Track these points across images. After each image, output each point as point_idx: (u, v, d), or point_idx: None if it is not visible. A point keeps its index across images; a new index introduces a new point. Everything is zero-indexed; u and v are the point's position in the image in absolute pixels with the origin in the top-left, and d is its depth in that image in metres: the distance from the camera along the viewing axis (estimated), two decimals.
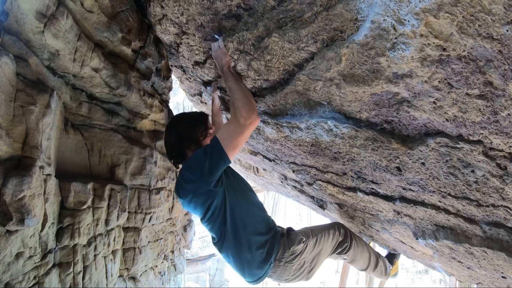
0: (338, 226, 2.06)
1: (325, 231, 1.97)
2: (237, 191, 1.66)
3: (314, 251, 1.86)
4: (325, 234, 1.94)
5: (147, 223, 2.60)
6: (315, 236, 1.89)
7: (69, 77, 1.86)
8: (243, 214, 1.63)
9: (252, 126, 1.45)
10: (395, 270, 2.27)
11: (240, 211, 1.62)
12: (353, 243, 2.05)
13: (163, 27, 2.00)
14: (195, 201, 1.58)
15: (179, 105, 15.87)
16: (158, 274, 2.98)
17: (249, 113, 1.43)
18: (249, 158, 3.43)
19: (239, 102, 1.47)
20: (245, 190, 1.75)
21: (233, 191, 1.63)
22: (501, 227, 1.47)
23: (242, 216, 1.62)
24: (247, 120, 1.42)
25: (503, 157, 1.10)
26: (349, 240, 2.05)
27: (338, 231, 2.03)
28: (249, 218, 1.65)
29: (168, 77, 2.76)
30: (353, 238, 2.08)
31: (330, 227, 2.03)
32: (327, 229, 2.00)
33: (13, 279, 1.44)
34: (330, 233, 1.97)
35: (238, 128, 1.44)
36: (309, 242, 1.83)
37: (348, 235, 2.07)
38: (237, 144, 1.46)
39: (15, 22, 1.55)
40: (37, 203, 1.49)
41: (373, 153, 1.57)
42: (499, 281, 2.04)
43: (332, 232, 1.99)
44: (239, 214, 1.62)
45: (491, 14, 0.76)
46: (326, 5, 1.09)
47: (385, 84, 1.15)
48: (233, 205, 1.60)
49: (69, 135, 1.96)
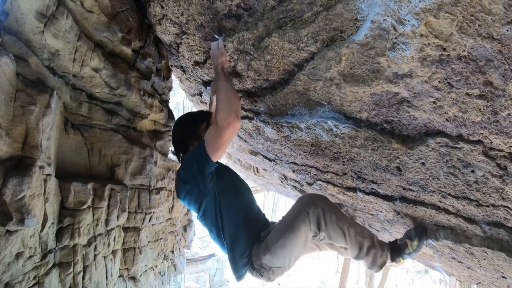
0: (309, 212, 1.63)
1: (294, 226, 1.63)
2: (228, 191, 1.68)
3: (283, 258, 1.64)
4: (294, 232, 1.62)
5: (147, 223, 2.60)
6: (281, 239, 1.62)
7: (69, 77, 1.86)
8: (232, 215, 1.67)
9: (230, 128, 1.41)
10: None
11: (230, 211, 1.66)
12: (327, 221, 1.63)
13: (163, 27, 2.00)
14: (189, 198, 1.66)
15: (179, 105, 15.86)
16: (158, 274, 2.98)
17: (226, 115, 1.40)
18: (249, 158, 3.43)
19: (220, 103, 1.45)
20: (239, 190, 1.77)
21: (224, 191, 1.65)
22: (501, 227, 1.47)
23: (232, 216, 1.67)
24: (224, 121, 1.39)
25: (503, 157, 1.10)
26: (322, 221, 1.63)
27: (309, 219, 1.63)
28: (238, 219, 1.69)
29: (168, 77, 2.76)
30: (326, 216, 1.63)
31: (300, 219, 1.64)
32: (296, 222, 1.64)
33: (13, 279, 1.44)
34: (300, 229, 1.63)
35: (217, 131, 1.43)
36: (273, 252, 1.62)
37: (322, 216, 1.62)
38: (218, 146, 1.45)
39: (15, 22, 1.55)
40: (37, 203, 1.49)
41: (373, 153, 1.57)
42: (499, 281, 2.04)
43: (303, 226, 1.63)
44: (229, 214, 1.66)
45: (491, 14, 0.76)
46: (326, 5, 1.09)
47: (385, 84, 1.15)
48: (223, 205, 1.64)
49: (69, 135, 1.96)
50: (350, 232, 1.66)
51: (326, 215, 1.63)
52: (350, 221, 1.70)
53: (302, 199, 1.77)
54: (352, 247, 1.70)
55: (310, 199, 1.72)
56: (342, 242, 1.68)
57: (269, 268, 1.66)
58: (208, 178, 1.56)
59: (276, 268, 1.66)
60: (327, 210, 1.65)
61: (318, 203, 1.66)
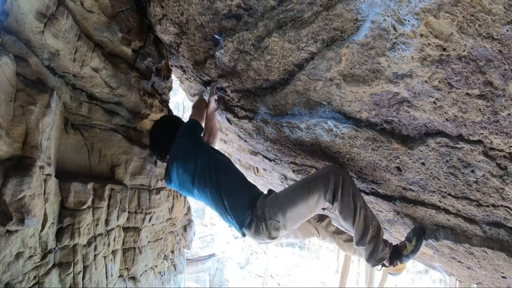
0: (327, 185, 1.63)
1: (311, 185, 1.65)
2: (221, 162, 1.86)
3: (286, 213, 1.65)
4: (309, 190, 1.64)
5: (147, 223, 2.60)
6: (294, 192, 1.67)
7: (69, 77, 1.86)
8: (229, 176, 1.82)
9: None
10: (396, 270, 2.00)
11: (226, 174, 1.81)
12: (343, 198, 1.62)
13: (163, 27, 2.00)
14: (184, 167, 1.82)
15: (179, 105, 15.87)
16: (158, 274, 2.98)
17: None
18: (249, 158, 3.43)
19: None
20: (230, 163, 1.94)
21: (218, 159, 1.85)
22: (501, 227, 1.47)
23: (229, 178, 1.80)
24: None
25: (503, 157, 1.10)
26: (340, 192, 1.63)
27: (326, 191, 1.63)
28: (235, 181, 1.82)
29: (168, 77, 2.76)
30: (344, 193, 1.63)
31: (320, 181, 1.65)
32: (315, 183, 1.65)
33: (13, 279, 1.44)
34: (315, 191, 1.63)
35: None
36: (281, 203, 1.66)
37: (340, 186, 1.63)
38: None
39: (15, 22, 1.55)
40: (37, 203, 1.49)
41: (373, 153, 1.57)
42: (499, 281, 2.04)
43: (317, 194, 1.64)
44: (226, 176, 1.79)
45: (491, 14, 0.76)
46: (326, 5, 1.09)
47: (385, 84, 1.15)
48: (219, 169, 1.80)
49: (69, 135, 1.96)
50: (361, 212, 1.65)
51: (345, 187, 1.63)
52: (364, 203, 1.70)
53: (328, 167, 1.81)
54: (357, 228, 1.67)
55: (335, 168, 1.74)
56: (349, 220, 1.66)
57: (268, 219, 1.66)
58: (200, 139, 1.91)
59: (275, 222, 1.66)
60: (347, 182, 1.65)
61: (342, 173, 1.67)
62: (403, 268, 1.87)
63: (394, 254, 1.81)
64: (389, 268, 1.84)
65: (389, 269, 1.85)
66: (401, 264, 1.81)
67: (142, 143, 2.51)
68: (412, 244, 1.84)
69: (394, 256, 1.80)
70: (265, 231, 1.68)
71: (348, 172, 1.78)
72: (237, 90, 1.96)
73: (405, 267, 1.88)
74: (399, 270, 1.86)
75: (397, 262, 1.80)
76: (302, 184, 1.71)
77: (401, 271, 1.88)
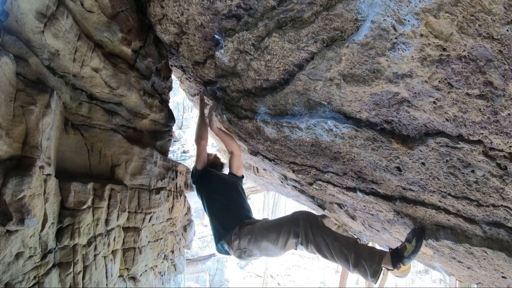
0: (294, 226, 1.93)
1: (283, 227, 1.95)
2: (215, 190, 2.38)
3: (259, 246, 2.00)
4: (280, 231, 1.95)
5: (147, 223, 2.60)
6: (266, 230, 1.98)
7: (69, 77, 1.86)
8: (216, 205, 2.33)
9: (199, 145, 2.44)
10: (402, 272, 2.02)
11: (213, 203, 2.34)
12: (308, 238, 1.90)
13: (163, 27, 2.00)
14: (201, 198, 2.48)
15: (179, 105, 15.86)
16: (158, 274, 2.98)
17: (195, 141, 2.48)
18: (249, 158, 3.43)
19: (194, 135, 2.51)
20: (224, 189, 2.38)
21: (212, 190, 2.38)
22: (501, 227, 1.47)
23: (215, 206, 2.31)
24: (195, 142, 2.47)
25: (503, 157, 1.10)
26: (303, 236, 1.91)
27: (292, 233, 1.92)
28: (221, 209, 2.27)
29: (168, 77, 2.76)
30: (309, 233, 1.91)
31: (291, 225, 1.94)
32: (287, 225, 1.95)
33: (13, 279, 1.44)
34: (285, 233, 1.94)
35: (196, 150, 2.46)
36: (254, 237, 2.01)
37: (303, 233, 1.91)
38: (197, 156, 2.43)
39: (15, 22, 1.55)
40: (37, 203, 1.49)
41: (373, 153, 1.57)
42: (499, 281, 2.04)
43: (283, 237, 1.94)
44: (212, 205, 2.33)
45: (491, 14, 0.76)
46: (326, 5, 1.09)
47: (385, 84, 1.15)
48: (209, 199, 2.35)
49: (69, 135, 1.96)
50: (334, 244, 1.86)
51: (313, 229, 1.91)
52: (333, 235, 1.92)
53: (297, 212, 2.07)
54: (339, 259, 1.87)
55: (303, 214, 2.02)
56: (328, 254, 1.88)
57: (243, 248, 2.03)
58: (197, 184, 2.48)
59: (249, 250, 2.03)
60: (314, 225, 1.92)
61: (309, 218, 1.97)
62: (408, 268, 1.89)
63: (395, 257, 1.83)
64: (394, 271, 1.86)
65: (395, 272, 1.87)
66: (404, 265, 1.82)
67: (142, 143, 2.51)
68: (412, 244, 1.85)
69: (396, 258, 1.83)
70: (242, 255, 2.06)
71: (313, 214, 2.06)
72: (237, 90, 1.96)
73: (409, 267, 1.91)
74: (405, 272, 1.88)
75: (400, 265, 1.81)
76: (274, 225, 2.00)
77: (407, 272, 1.91)
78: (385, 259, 1.83)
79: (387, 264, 1.82)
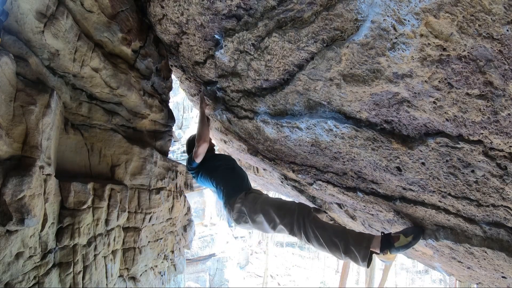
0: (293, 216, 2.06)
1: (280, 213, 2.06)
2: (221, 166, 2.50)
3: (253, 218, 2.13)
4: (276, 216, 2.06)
5: (147, 223, 2.60)
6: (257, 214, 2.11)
7: (69, 77, 1.86)
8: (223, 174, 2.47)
9: (201, 146, 2.36)
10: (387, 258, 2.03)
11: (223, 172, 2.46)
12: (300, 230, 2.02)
13: (163, 27, 2.00)
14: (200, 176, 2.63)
15: (179, 105, 15.86)
16: (158, 274, 2.98)
17: (197, 142, 2.36)
18: (249, 158, 3.43)
19: (196, 134, 2.42)
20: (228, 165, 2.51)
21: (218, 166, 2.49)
22: (501, 227, 1.47)
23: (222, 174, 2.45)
24: (197, 143, 2.36)
25: (503, 157, 1.10)
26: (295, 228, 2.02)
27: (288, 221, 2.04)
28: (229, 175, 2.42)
29: (168, 77, 2.76)
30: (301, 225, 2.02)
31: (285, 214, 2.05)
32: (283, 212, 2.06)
33: (13, 279, 1.44)
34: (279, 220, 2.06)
35: (196, 147, 2.37)
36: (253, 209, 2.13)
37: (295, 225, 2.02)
38: (196, 155, 2.37)
39: (15, 22, 1.55)
40: (37, 203, 1.49)
41: (373, 153, 1.57)
42: (499, 281, 2.04)
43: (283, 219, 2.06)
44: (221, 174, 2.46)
45: (491, 14, 0.76)
46: (326, 5, 1.09)
47: (385, 84, 1.15)
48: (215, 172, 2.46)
49: (69, 135, 1.96)
50: (324, 234, 1.93)
51: (305, 220, 1.99)
52: (322, 225, 2.00)
53: (295, 203, 2.17)
54: (329, 248, 1.92)
55: (300, 205, 2.12)
56: (319, 242, 1.94)
57: (242, 213, 2.16)
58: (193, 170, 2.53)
59: (245, 217, 2.16)
60: (307, 216, 2.01)
61: (304, 209, 2.07)
62: (393, 257, 1.92)
63: (385, 242, 1.85)
64: (379, 255, 1.86)
65: (380, 256, 1.87)
66: (390, 254, 1.84)
67: (142, 143, 2.51)
68: (407, 239, 1.86)
69: (385, 244, 1.85)
70: (237, 216, 2.19)
71: (308, 207, 2.14)
72: (237, 90, 1.96)
73: (395, 257, 1.94)
74: (390, 259, 1.90)
75: (387, 251, 1.82)
76: (275, 206, 2.12)
77: (392, 260, 1.94)
78: (374, 243, 1.85)
79: (374, 248, 1.84)
